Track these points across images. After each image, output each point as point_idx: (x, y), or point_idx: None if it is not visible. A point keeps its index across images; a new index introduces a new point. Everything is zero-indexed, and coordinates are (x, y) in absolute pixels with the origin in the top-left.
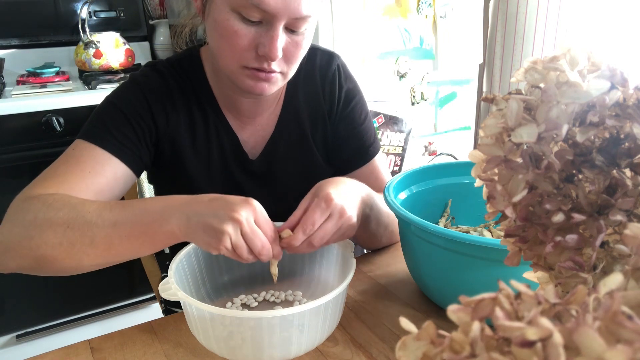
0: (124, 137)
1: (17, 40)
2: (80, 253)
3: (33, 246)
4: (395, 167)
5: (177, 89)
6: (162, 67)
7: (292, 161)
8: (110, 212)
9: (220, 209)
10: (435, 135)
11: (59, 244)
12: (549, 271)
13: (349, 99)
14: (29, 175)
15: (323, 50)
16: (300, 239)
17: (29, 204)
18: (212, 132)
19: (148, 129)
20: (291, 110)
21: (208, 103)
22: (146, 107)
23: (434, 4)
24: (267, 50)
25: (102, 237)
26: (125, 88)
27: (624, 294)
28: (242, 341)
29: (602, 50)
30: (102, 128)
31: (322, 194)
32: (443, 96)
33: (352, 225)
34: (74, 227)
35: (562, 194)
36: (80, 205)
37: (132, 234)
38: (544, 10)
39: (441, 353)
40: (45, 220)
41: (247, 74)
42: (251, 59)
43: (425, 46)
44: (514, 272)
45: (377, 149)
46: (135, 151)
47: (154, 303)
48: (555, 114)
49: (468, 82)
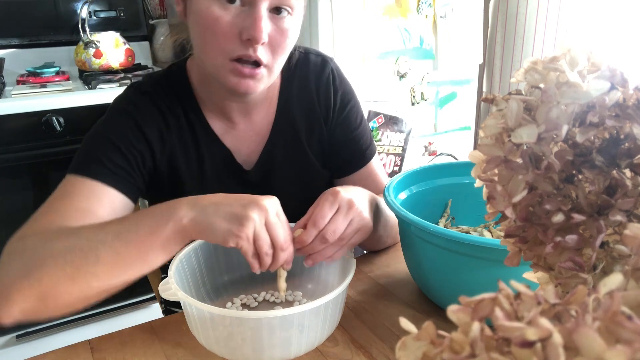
0: (116, 166)
1: (17, 40)
2: (87, 276)
3: (34, 282)
4: (395, 167)
5: (167, 109)
6: (148, 88)
7: (288, 169)
8: (111, 225)
9: (244, 199)
10: (435, 135)
11: (62, 271)
12: (549, 271)
13: (344, 103)
14: (29, 175)
15: (316, 54)
16: (312, 234)
17: (23, 243)
18: (203, 149)
19: (141, 155)
20: (285, 117)
21: (196, 117)
22: (138, 134)
23: (434, 4)
24: (251, 33)
25: (107, 251)
26: (112, 118)
27: (624, 294)
28: (242, 341)
29: (602, 50)
30: (92, 160)
31: (329, 191)
32: (443, 96)
33: (365, 219)
34: (75, 250)
35: (562, 194)
36: (77, 229)
37: (138, 238)
38: (544, 10)
39: (441, 353)
40: (44, 252)
41: (232, 69)
42: (236, 47)
43: (425, 46)
44: (514, 273)
45: (373, 151)
46: (130, 178)
47: (154, 303)
48: (555, 114)
49: (468, 82)
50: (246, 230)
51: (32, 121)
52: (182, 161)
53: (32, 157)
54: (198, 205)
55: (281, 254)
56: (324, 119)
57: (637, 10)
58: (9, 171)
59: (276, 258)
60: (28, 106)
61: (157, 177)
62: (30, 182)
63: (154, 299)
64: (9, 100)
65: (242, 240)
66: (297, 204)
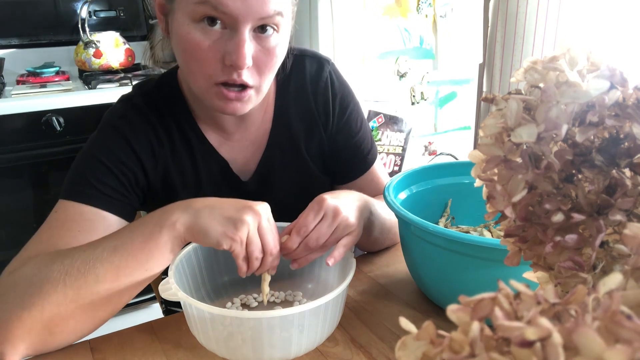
0: (109, 189)
1: (17, 40)
2: (90, 296)
3: (35, 313)
4: (395, 167)
5: (159, 123)
6: (139, 101)
7: (287, 177)
8: (105, 241)
9: (237, 203)
10: (435, 135)
11: (63, 296)
12: (548, 271)
13: (344, 107)
14: (29, 175)
15: (312, 56)
16: (295, 241)
17: (16, 276)
18: (198, 160)
19: (133, 174)
20: (282, 126)
21: (190, 129)
22: (129, 152)
23: (434, 4)
24: (234, 59)
25: (106, 267)
26: (102, 135)
27: (624, 293)
28: (242, 341)
29: (602, 49)
30: (83, 184)
31: (316, 199)
32: (443, 96)
33: (351, 226)
34: (73, 272)
35: (561, 194)
36: (70, 251)
37: (134, 248)
38: (544, 10)
39: (441, 353)
40: (40, 279)
41: (217, 92)
42: (219, 72)
43: (425, 46)
44: (513, 272)
45: (374, 155)
46: (124, 199)
47: (154, 303)
48: (554, 114)
49: (468, 82)
50: (240, 234)
51: (32, 121)
52: (176, 175)
53: (32, 157)
54: (191, 209)
55: (269, 258)
56: (324, 125)
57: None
58: (9, 171)
59: (264, 263)
60: (28, 106)
61: (152, 194)
62: (30, 182)
63: (154, 299)
64: (9, 100)
65: (235, 243)
66: (296, 212)
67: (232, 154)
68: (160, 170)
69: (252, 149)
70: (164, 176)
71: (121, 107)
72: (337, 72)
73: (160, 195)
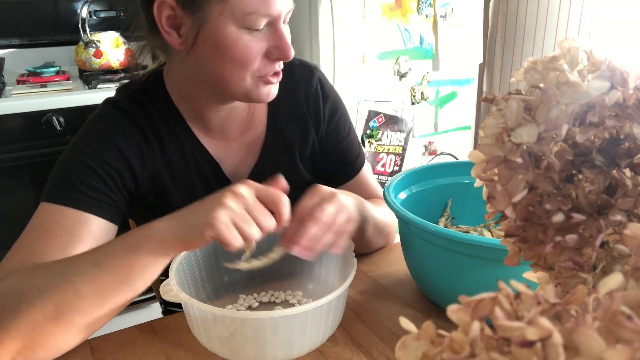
0: (92, 189)
1: (17, 40)
2: (71, 313)
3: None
4: (395, 166)
5: (146, 125)
6: (125, 104)
7: None
8: (86, 255)
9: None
10: (435, 135)
11: (42, 313)
12: (548, 271)
13: (333, 112)
14: (29, 175)
15: (301, 64)
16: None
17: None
18: (190, 161)
19: (119, 174)
20: (276, 132)
21: (181, 129)
22: (115, 151)
23: (434, 4)
24: (283, 53)
25: (87, 282)
26: (87, 137)
27: (624, 294)
28: (244, 342)
29: (602, 50)
30: (66, 185)
31: (311, 187)
32: (443, 96)
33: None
34: (52, 288)
35: (562, 194)
36: (50, 266)
37: (117, 262)
38: (544, 10)
39: (441, 353)
40: (18, 297)
41: (263, 81)
42: (264, 67)
43: (425, 46)
44: (514, 272)
45: (363, 160)
46: (109, 200)
47: (154, 303)
48: (555, 114)
49: (468, 82)
50: (219, 216)
51: (32, 121)
52: (166, 177)
53: (32, 157)
54: (172, 217)
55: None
56: (315, 130)
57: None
58: (9, 171)
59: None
60: (28, 106)
61: (141, 196)
62: (30, 182)
63: (154, 299)
64: (9, 100)
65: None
66: None
67: (222, 156)
68: (148, 171)
69: (244, 153)
70: (154, 177)
71: (105, 110)
72: (326, 78)
73: (150, 197)
